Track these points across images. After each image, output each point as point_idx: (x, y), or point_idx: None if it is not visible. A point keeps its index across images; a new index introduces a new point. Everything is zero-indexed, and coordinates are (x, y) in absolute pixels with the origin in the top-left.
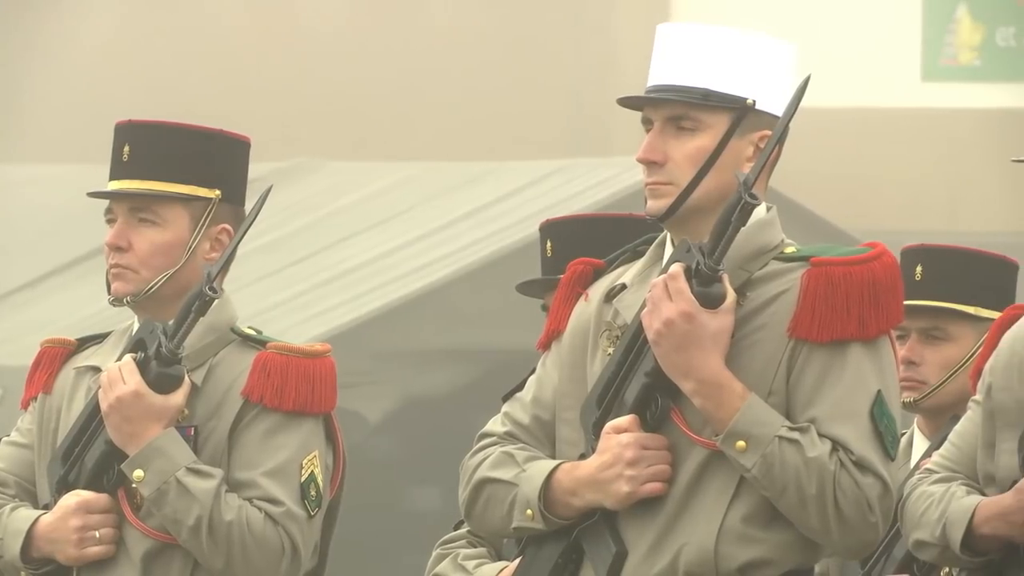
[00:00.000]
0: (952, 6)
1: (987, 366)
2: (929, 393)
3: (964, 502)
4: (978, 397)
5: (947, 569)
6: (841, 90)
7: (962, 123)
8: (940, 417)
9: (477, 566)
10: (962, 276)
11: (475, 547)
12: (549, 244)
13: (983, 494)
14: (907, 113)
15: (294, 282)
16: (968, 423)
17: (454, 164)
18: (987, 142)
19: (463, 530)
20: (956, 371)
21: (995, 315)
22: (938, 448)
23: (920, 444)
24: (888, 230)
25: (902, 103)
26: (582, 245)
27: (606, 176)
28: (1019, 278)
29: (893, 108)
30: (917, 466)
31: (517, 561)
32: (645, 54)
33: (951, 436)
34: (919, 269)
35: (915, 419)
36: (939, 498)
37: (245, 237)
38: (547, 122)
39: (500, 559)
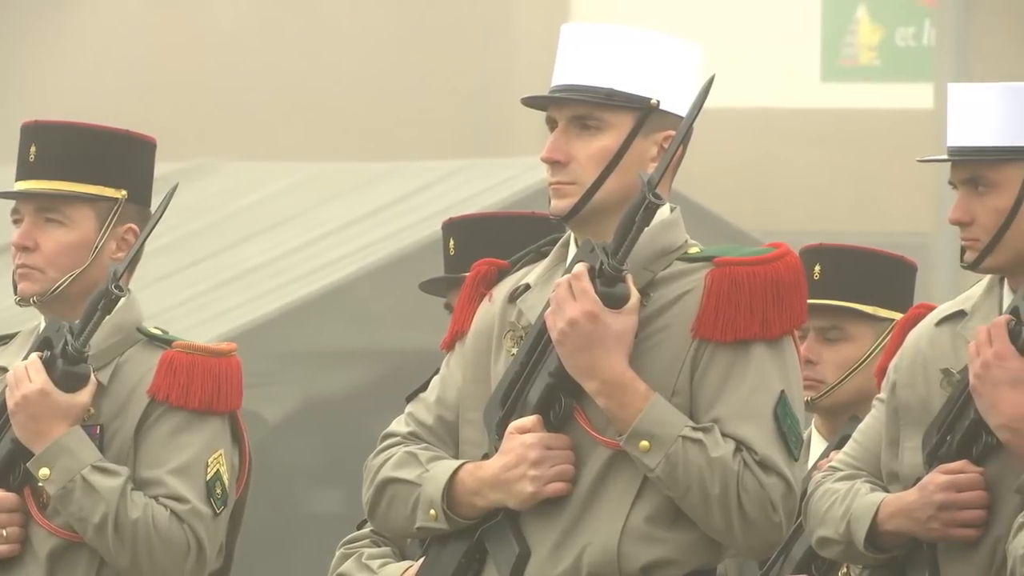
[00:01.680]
0: (851, 7)
1: (892, 364)
2: (827, 392)
3: (868, 499)
4: (883, 395)
5: (845, 568)
6: (741, 90)
7: (862, 123)
8: (838, 417)
9: (381, 565)
10: (861, 276)
11: (379, 546)
12: (452, 243)
13: (887, 492)
14: (807, 113)
15: (194, 282)
16: (872, 421)
17: (355, 164)
18: (887, 142)
19: (367, 529)
20: (854, 370)
21: (893, 315)
22: (836, 448)
23: (818, 444)
24: (788, 230)
25: (802, 103)
26: (485, 244)
27: (507, 176)
28: (918, 278)
29: (793, 108)
30: (815, 466)
31: (420, 561)
32: (545, 54)
33: (855, 434)
34: (818, 268)
35: (812, 419)
36: (843, 495)
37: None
38: (448, 122)
39: (404, 558)
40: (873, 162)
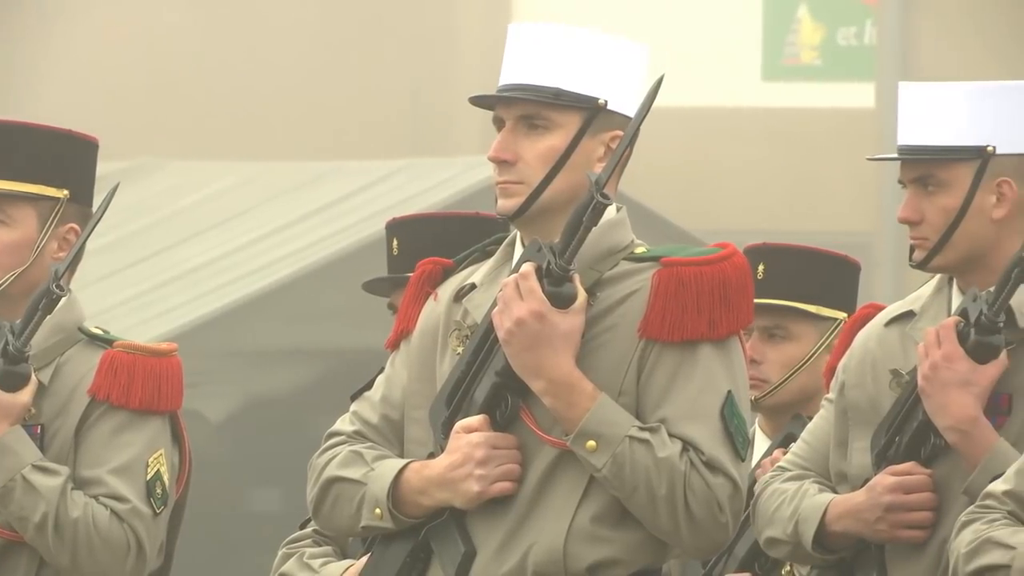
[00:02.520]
0: (793, 6)
1: (840, 364)
2: (770, 392)
3: (816, 500)
4: (831, 395)
5: (788, 567)
6: (683, 90)
7: (804, 122)
8: (781, 416)
9: (323, 565)
10: (804, 275)
11: (320, 546)
12: (395, 242)
13: (835, 492)
14: (748, 113)
15: (136, 282)
16: (821, 421)
17: (297, 163)
18: (829, 141)
19: (308, 529)
20: (797, 370)
21: (837, 314)
22: (780, 447)
23: (761, 443)
24: (731, 229)
25: (743, 103)
26: (428, 244)
27: (449, 175)
28: (860, 277)
29: (734, 108)
30: (759, 465)
31: (364, 559)
32: (487, 53)
33: (804, 434)
34: (761, 268)
35: (756, 418)
36: (791, 495)
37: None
38: (390, 121)
39: (345, 558)
40: (815, 161)
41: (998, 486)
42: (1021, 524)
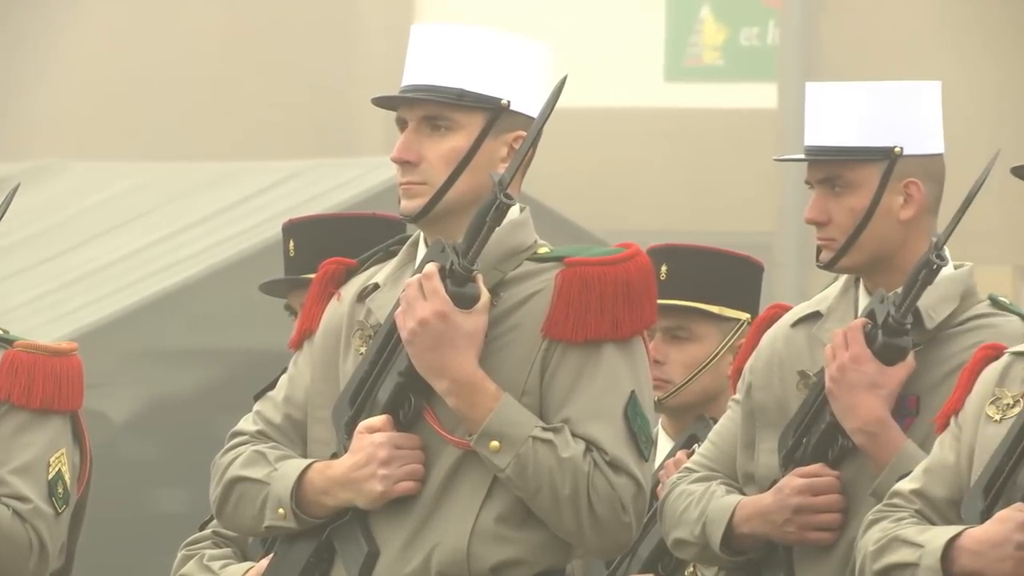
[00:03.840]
0: (696, 7)
1: (747, 366)
2: (673, 392)
3: (724, 501)
4: (738, 396)
5: (692, 568)
6: (585, 90)
7: (707, 123)
8: (684, 416)
9: (223, 567)
10: (707, 276)
11: (220, 547)
12: (292, 244)
13: (743, 493)
14: (651, 113)
15: (39, 282)
16: (728, 422)
17: (199, 164)
18: (731, 142)
19: (208, 531)
20: (700, 371)
21: (740, 315)
22: (683, 448)
23: (664, 444)
24: (633, 230)
25: (646, 103)
26: (325, 245)
27: (350, 177)
28: (764, 278)
29: (637, 108)
30: (662, 466)
31: (266, 561)
32: (389, 54)
33: (711, 435)
34: (664, 268)
35: (659, 419)
36: (699, 497)
37: None
38: (292, 122)
39: (246, 559)
40: (717, 162)
41: (905, 485)
42: (928, 523)
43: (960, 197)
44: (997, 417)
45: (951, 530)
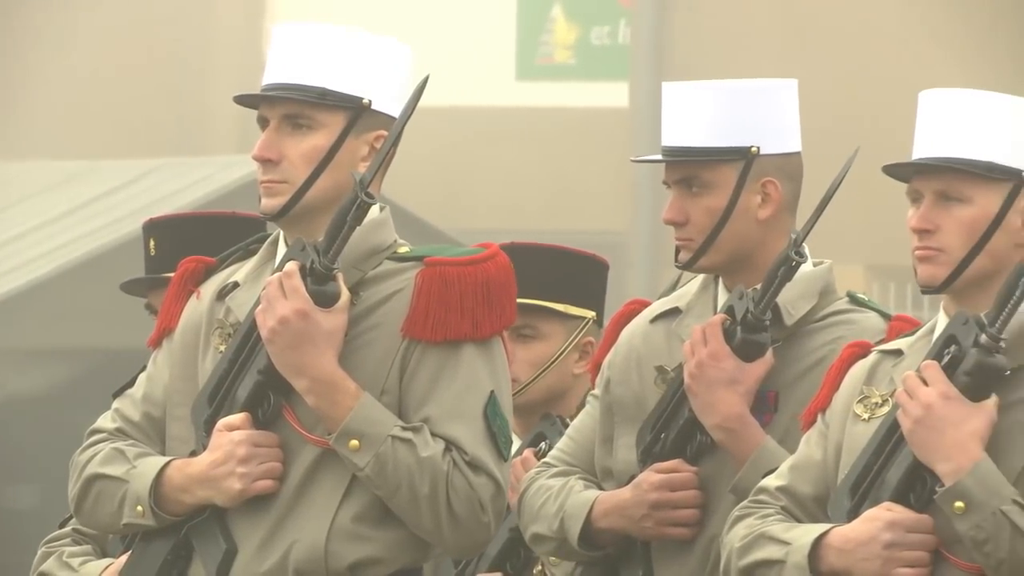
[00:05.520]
0: (547, 6)
1: (606, 361)
2: (520, 391)
3: (582, 496)
4: (597, 392)
5: (540, 567)
6: (437, 89)
7: (558, 121)
8: (531, 415)
9: (82, 564)
10: (552, 274)
11: (80, 544)
12: (152, 243)
13: (601, 488)
14: (502, 112)
15: None
16: (586, 417)
17: (54, 162)
18: (583, 140)
19: (68, 528)
20: (547, 368)
21: (585, 313)
22: (531, 446)
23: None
24: (486, 229)
25: (497, 102)
26: (185, 244)
27: (205, 174)
28: (615, 276)
29: (489, 107)
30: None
31: (124, 557)
32: (243, 52)
33: (569, 430)
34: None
35: None
36: (557, 492)
37: None
38: (147, 120)
39: (105, 556)
40: (570, 160)
41: (772, 481)
42: (794, 520)
43: (819, 194)
44: (865, 416)
45: (818, 528)
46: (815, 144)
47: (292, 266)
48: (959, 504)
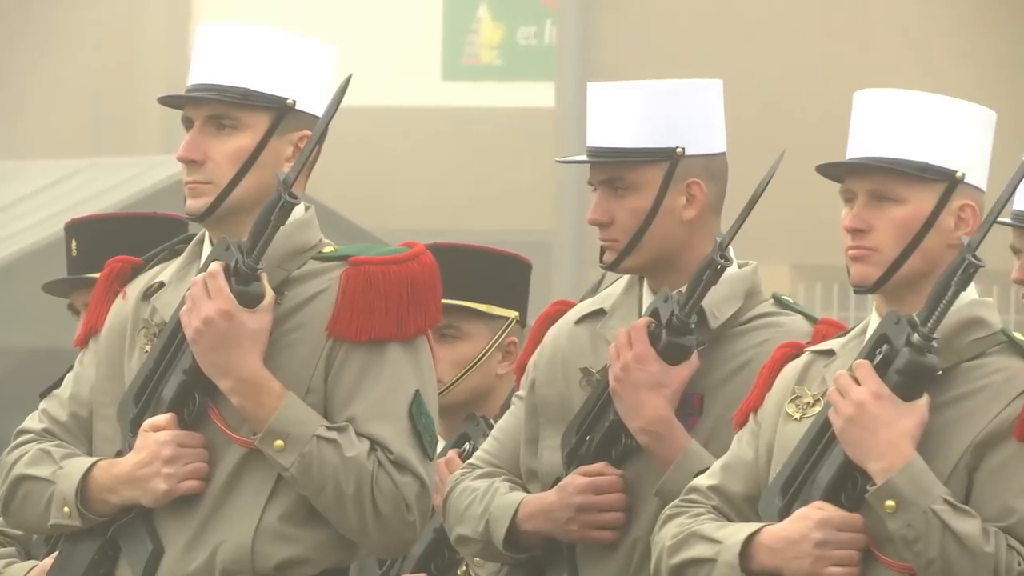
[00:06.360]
0: (473, 6)
1: (531, 361)
2: (444, 391)
3: (508, 498)
4: (522, 392)
5: (464, 568)
6: (362, 89)
7: (484, 121)
8: (455, 416)
9: (6, 565)
10: (475, 274)
11: (3, 547)
12: (74, 243)
13: (526, 490)
14: (429, 112)
15: None
16: (511, 418)
17: None
18: (509, 140)
19: None
20: (470, 369)
21: (509, 313)
22: (454, 447)
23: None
24: (412, 228)
25: (423, 102)
26: (107, 244)
27: (129, 175)
28: (541, 276)
29: (414, 107)
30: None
31: (50, 559)
32: (168, 52)
33: (494, 431)
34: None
35: None
36: (482, 493)
37: None
38: (71, 121)
39: (29, 558)
40: (496, 160)
41: (703, 480)
42: (725, 519)
43: (745, 195)
44: (797, 415)
45: (750, 527)
46: (740, 145)
47: (216, 266)
48: (890, 503)
